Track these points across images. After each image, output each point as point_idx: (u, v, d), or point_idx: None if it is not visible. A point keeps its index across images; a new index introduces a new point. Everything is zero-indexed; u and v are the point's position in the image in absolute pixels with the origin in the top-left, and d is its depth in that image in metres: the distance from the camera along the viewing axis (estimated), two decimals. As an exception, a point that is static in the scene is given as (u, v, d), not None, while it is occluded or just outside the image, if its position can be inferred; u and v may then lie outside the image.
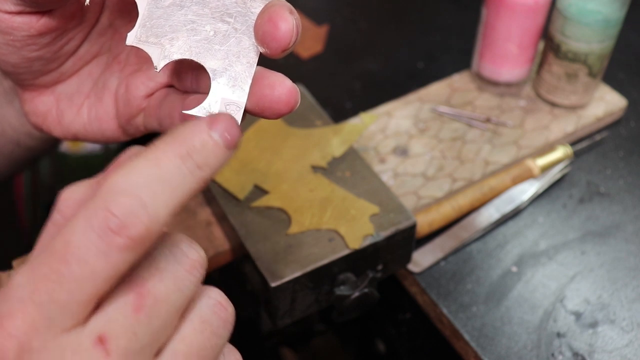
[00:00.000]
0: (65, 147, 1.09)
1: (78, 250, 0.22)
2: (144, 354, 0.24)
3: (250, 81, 0.28)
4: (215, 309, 0.26)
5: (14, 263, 0.49)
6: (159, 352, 0.25)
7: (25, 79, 0.36)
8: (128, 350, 0.23)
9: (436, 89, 0.71)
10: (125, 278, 0.24)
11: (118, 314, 0.24)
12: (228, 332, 0.27)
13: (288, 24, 0.27)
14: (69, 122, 0.38)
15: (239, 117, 0.28)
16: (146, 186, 0.23)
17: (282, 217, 0.51)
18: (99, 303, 0.24)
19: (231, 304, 0.27)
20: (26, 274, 0.23)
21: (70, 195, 0.26)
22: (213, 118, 0.25)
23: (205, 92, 0.29)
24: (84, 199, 0.26)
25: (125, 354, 0.23)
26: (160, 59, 0.28)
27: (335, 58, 0.79)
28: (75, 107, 0.38)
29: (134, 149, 0.26)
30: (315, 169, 0.55)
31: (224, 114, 0.26)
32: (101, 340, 0.23)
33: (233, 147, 0.25)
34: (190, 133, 0.25)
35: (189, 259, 0.25)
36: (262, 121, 0.58)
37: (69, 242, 0.23)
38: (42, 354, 0.23)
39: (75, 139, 0.39)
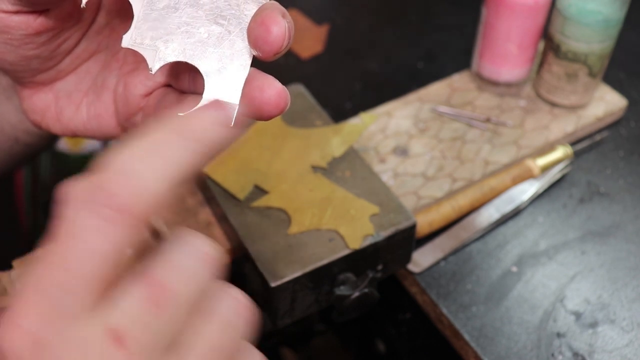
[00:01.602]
0: (66, 147, 1.09)
1: (73, 229, 0.22)
2: (161, 348, 0.24)
3: (243, 83, 0.29)
4: (239, 309, 0.26)
5: (14, 263, 0.49)
6: (177, 348, 0.25)
7: (24, 76, 0.37)
8: (146, 344, 0.23)
9: (436, 89, 0.71)
10: (139, 273, 0.24)
11: (133, 308, 0.23)
12: (244, 326, 0.27)
13: (280, 27, 0.27)
14: (68, 119, 0.38)
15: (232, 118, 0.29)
16: (138, 160, 0.23)
17: (282, 217, 0.51)
18: (110, 291, 0.23)
19: (248, 298, 0.27)
20: (32, 267, 0.23)
21: (70, 189, 0.26)
22: (212, 101, 0.26)
23: (202, 92, 0.29)
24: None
25: (143, 349, 0.23)
26: (155, 61, 0.28)
27: (335, 58, 0.79)
28: (74, 104, 0.38)
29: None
30: (315, 169, 0.55)
31: (218, 100, 0.26)
32: (114, 334, 0.23)
33: (237, 125, 0.26)
34: (188, 114, 0.25)
35: (204, 254, 0.25)
36: (263, 122, 0.58)
37: (64, 223, 0.23)
38: (55, 346, 0.22)
39: (74, 135, 0.40)
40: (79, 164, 1.09)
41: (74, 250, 0.22)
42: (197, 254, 0.25)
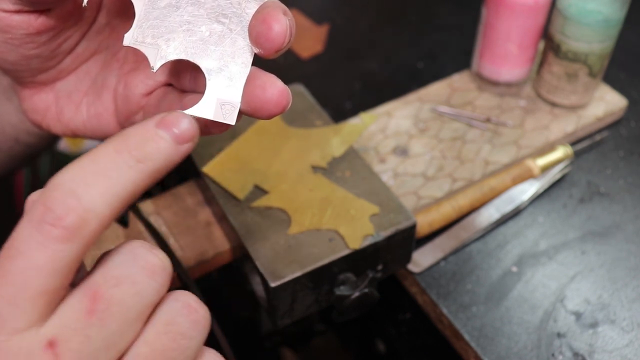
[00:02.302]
0: (66, 147, 1.09)
1: (20, 244, 0.23)
2: (101, 356, 0.24)
3: (244, 81, 0.29)
4: (183, 310, 0.26)
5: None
6: (120, 357, 0.25)
7: (24, 76, 0.37)
8: (79, 353, 0.24)
9: (436, 89, 0.71)
10: (81, 284, 0.24)
11: (70, 318, 0.24)
12: (199, 334, 0.27)
13: (282, 25, 0.27)
14: (68, 119, 0.38)
15: (234, 116, 0.29)
16: (81, 179, 0.24)
17: (282, 217, 0.51)
18: (55, 303, 0.24)
19: (204, 306, 0.27)
20: None
21: (31, 198, 0.27)
22: (162, 116, 0.26)
23: (203, 91, 0.29)
24: None
25: (77, 358, 0.23)
26: (157, 59, 0.29)
27: (335, 58, 0.79)
28: (74, 104, 0.38)
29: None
30: (315, 169, 0.54)
31: (174, 113, 0.26)
32: (51, 344, 0.23)
33: (184, 141, 0.26)
34: (134, 130, 0.25)
35: (148, 264, 0.25)
36: (262, 121, 0.58)
37: (13, 239, 0.23)
38: None
39: (75, 135, 0.40)
40: (78, 164, 1.09)
41: (20, 265, 0.23)
42: (139, 264, 0.25)
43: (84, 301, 0.24)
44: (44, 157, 1.09)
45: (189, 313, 0.26)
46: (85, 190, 0.23)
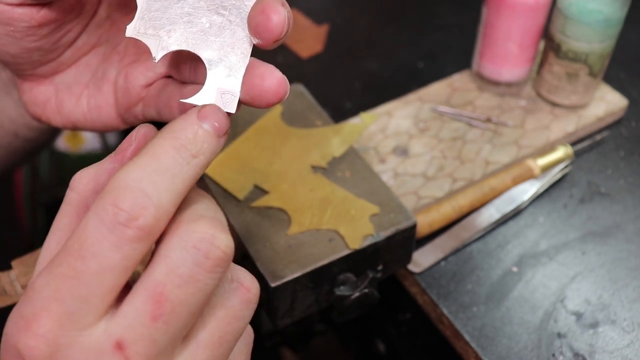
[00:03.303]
0: (65, 147, 1.09)
1: (92, 246, 0.24)
2: (165, 355, 0.25)
3: (244, 71, 0.30)
4: (238, 292, 0.27)
5: (13, 263, 0.49)
6: (185, 345, 0.26)
7: (25, 69, 0.37)
8: (147, 356, 0.24)
9: (436, 89, 0.71)
10: (143, 280, 0.25)
11: (137, 322, 0.24)
12: (250, 314, 0.28)
13: (280, 15, 0.28)
14: (68, 111, 0.39)
15: (234, 105, 0.29)
16: (148, 179, 0.24)
17: (282, 217, 0.51)
18: (120, 300, 0.25)
19: (255, 283, 0.28)
20: (46, 276, 0.24)
21: (83, 174, 0.28)
22: (202, 110, 0.27)
23: (202, 82, 0.30)
24: (95, 177, 0.28)
25: (145, 358, 0.24)
26: (159, 50, 0.29)
27: (335, 58, 0.79)
28: (75, 96, 0.39)
29: (145, 126, 0.28)
30: (315, 169, 0.54)
31: (211, 106, 0.27)
32: (119, 346, 0.24)
33: (223, 134, 0.27)
34: (183, 126, 0.26)
35: (209, 260, 0.25)
36: (262, 121, 0.57)
37: (83, 239, 0.24)
38: (68, 351, 0.24)
39: (75, 127, 0.40)
40: (78, 164, 1.09)
41: (93, 266, 0.24)
42: (203, 262, 0.25)
43: (148, 303, 0.24)
44: (44, 156, 1.09)
45: (243, 294, 0.28)
46: (155, 189, 0.24)
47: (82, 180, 0.28)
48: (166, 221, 0.25)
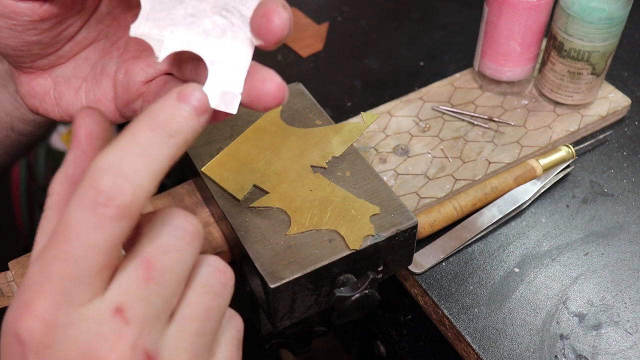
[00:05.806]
0: (62, 145, 1.09)
1: (77, 227, 0.25)
2: (159, 319, 0.27)
3: (245, 72, 0.30)
4: (215, 274, 0.30)
5: (10, 264, 0.49)
6: (170, 317, 0.28)
7: (24, 61, 0.38)
8: (145, 316, 0.26)
9: (438, 88, 0.70)
10: (132, 253, 0.27)
11: (131, 286, 0.26)
12: (228, 294, 0.30)
13: (282, 18, 0.29)
14: (67, 104, 0.40)
15: (235, 105, 0.30)
16: (126, 160, 0.25)
17: (281, 217, 0.51)
18: (111, 275, 0.26)
19: (229, 269, 0.31)
20: (37, 262, 0.26)
21: (55, 177, 0.29)
22: (181, 90, 0.28)
23: (204, 82, 0.31)
24: (66, 173, 0.29)
25: (143, 321, 0.26)
26: (162, 50, 0.30)
27: (335, 57, 0.78)
28: (74, 89, 0.39)
29: (87, 109, 0.30)
30: (315, 168, 0.54)
31: (190, 85, 0.28)
32: (118, 310, 0.26)
33: (203, 113, 0.28)
34: (160, 106, 0.27)
35: (187, 233, 0.28)
36: (262, 120, 0.57)
37: (68, 223, 0.25)
38: (68, 328, 0.25)
39: (73, 120, 0.41)
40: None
41: (79, 246, 0.25)
42: (182, 234, 0.28)
43: (139, 269, 0.26)
44: (40, 154, 1.09)
45: (220, 275, 0.30)
46: (132, 169, 0.25)
47: (57, 181, 0.29)
48: (145, 199, 0.26)
